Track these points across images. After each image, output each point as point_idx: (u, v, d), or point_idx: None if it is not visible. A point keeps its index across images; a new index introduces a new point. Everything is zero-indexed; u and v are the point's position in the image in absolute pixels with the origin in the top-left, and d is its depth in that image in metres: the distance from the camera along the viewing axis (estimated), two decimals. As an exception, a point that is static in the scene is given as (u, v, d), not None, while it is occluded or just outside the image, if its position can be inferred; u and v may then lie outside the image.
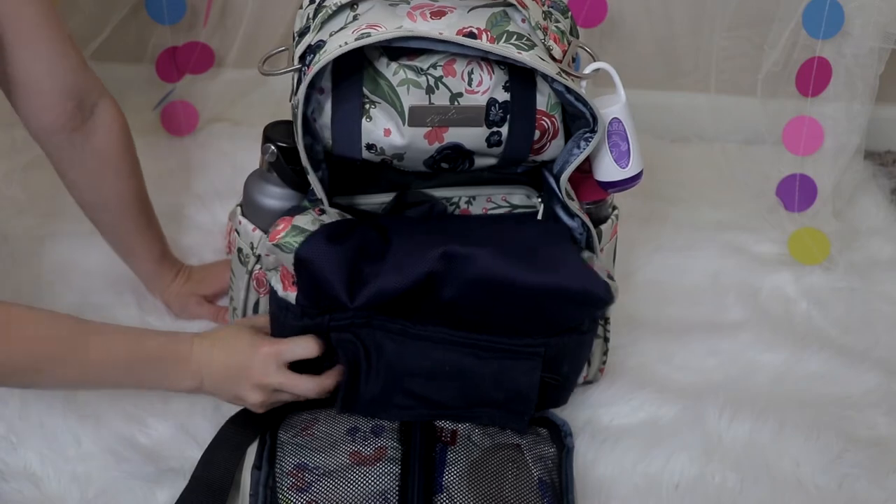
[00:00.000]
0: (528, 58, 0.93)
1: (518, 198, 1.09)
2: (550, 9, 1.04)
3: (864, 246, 1.46)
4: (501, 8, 0.96)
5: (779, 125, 1.45)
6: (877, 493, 1.09)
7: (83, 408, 1.12)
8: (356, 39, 0.91)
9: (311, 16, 1.01)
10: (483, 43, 0.92)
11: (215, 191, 1.46)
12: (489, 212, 1.09)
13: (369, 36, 0.91)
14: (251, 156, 1.04)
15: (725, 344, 1.27)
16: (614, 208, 1.12)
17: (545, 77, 0.95)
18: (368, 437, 1.02)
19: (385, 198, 1.07)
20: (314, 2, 1.02)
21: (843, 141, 1.45)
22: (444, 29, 0.93)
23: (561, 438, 1.08)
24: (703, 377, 1.22)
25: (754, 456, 1.12)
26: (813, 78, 1.40)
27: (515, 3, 0.95)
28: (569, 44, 1.00)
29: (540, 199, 1.07)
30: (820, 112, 1.42)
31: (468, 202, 1.09)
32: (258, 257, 1.06)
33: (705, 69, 1.56)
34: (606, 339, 1.17)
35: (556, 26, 1.00)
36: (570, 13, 1.06)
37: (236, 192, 1.12)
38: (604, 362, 1.18)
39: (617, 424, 1.15)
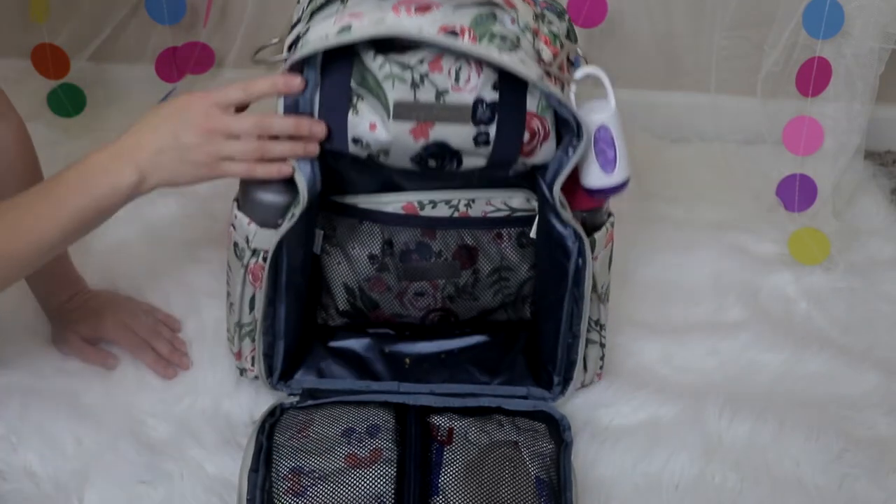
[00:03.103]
0: (508, 59, 0.92)
1: (517, 201, 1.09)
2: (545, 10, 1.03)
3: (864, 246, 1.46)
4: (489, 8, 0.95)
5: (779, 125, 1.45)
6: (877, 493, 1.09)
7: (83, 408, 1.12)
8: (337, 33, 0.92)
9: (304, 8, 1.02)
10: (462, 42, 0.92)
11: (215, 191, 1.45)
12: (488, 215, 1.09)
13: (349, 30, 0.92)
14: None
15: (725, 344, 1.27)
16: (609, 215, 1.11)
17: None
18: (364, 439, 1.02)
19: (383, 198, 1.08)
20: None
21: (843, 141, 1.45)
22: (427, 25, 0.93)
23: (559, 433, 1.08)
24: (703, 377, 1.22)
25: (754, 456, 1.12)
26: (813, 78, 1.40)
27: (502, 4, 0.94)
28: (561, 46, 0.99)
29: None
30: (820, 112, 1.42)
31: (467, 205, 1.08)
32: (253, 251, 1.06)
33: (705, 69, 1.56)
34: (602, 345, 1.17)
35: (549, 28, 1.00)
36: (567, 16, 1.05)
37: (236, 192, 1.12)
38: (601, 367, 1.18)
39: (617, 424, 1.15)
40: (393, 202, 1.08)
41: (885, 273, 1.41)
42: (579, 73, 1.00)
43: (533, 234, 1.10)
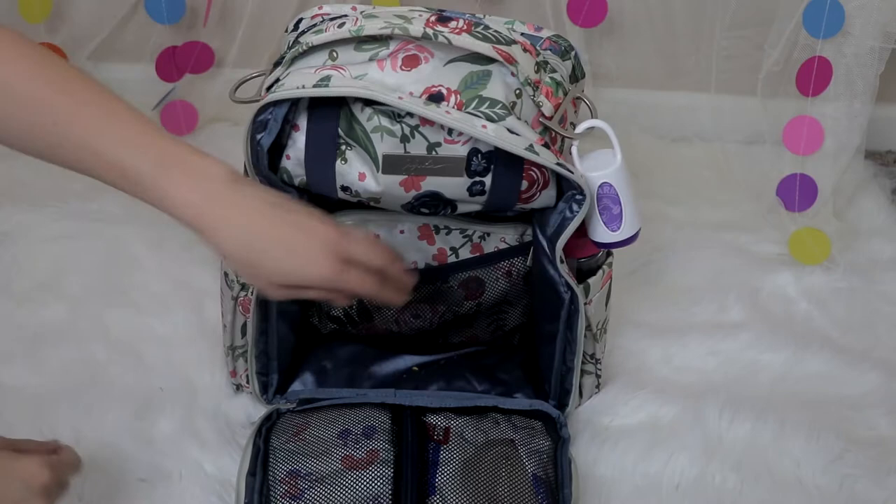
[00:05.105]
0: (492, 132, 0.88)
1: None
2: (548, 51, 0.98)
3: (865, 246, 1.46)
4: (485, 67, 0.91)
5: (779, 125, 1.45)
6: (877, 494, 1.09)
7: (83, 405, 1.12)
8: (314, 85, 0.88)
9: (290, 44, 0.98)
10: (441, 114, 0.88)
11: (215, 191, 1.45)
12: (501, 249, 1.08)
13: (327, 84, 0.88)
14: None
15: (725, 344, 1.27)
16: (609, 255, 1.08)
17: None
18: (360, 440, 1.02)
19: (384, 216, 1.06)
20: (297, 29, 1.00)
21: (844, 141, 1.45)
22: (412, 84, 0.89)
23: (556, 430, 1.08)
24: (703, 377, 1.22)
25: (754, 456, 1.12)
26: (813, 78, 1.40)
27: (501, 59, 0.89)
28: (565, 94, 0.95)
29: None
30: (820, 112, 1.42)
31: (482, 238, 1.07)
32: (242, 285, 1.04)
33: (705, 69, 1.56)
34: (598, 375, 1.16)
35: (551, 77, 0.95)
36: (572, 53, 1.00)
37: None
38: (596, 393, 1.18)
39: (617, 425, 1.15)
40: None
41: (886, 273, 1.41)
42: (582, 127, 0.95)
43: (529, 262, 1.08)
